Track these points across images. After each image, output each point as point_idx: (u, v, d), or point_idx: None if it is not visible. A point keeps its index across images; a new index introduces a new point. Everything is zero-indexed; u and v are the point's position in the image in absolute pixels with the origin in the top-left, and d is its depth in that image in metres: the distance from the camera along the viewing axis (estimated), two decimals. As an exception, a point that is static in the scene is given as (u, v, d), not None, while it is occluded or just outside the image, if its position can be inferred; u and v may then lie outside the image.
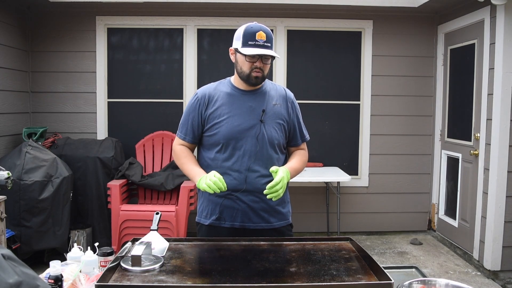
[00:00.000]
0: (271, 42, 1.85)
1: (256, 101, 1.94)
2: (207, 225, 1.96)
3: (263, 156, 1.91)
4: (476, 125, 3.95)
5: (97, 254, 1.60)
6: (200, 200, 2.04)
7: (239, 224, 1.92)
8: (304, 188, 4.60)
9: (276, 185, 1.76)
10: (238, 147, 1.89)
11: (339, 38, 4.67)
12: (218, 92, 1.96)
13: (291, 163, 1.99)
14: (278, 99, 1.99)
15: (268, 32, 1.85)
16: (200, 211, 2.02)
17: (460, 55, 4.29)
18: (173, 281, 1.35)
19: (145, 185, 4.02)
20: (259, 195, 1.90)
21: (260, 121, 1.91)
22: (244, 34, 1.84)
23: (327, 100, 4.69)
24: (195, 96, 1.99)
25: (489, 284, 3.53)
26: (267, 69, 1.90)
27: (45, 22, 4.45)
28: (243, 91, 1.96)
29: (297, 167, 2.00)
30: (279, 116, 1.96)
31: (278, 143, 1.96)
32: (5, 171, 2.99)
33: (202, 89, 2.01)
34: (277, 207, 1.97)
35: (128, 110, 4.59)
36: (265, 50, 1.82)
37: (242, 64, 1.89)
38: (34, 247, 3.52)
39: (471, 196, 3.98)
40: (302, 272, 1.44)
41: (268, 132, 1.92)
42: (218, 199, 1.92)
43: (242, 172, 1.89)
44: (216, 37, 4.59)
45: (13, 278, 0.84)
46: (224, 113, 1.91)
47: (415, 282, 1.41)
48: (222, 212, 1.93)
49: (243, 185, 1.88)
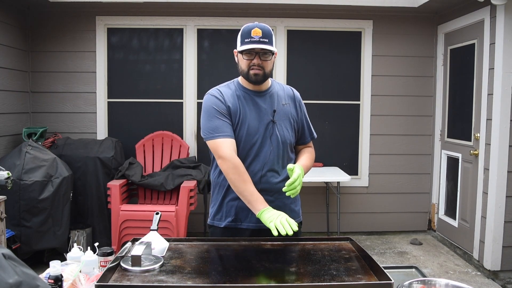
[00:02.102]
0: (269, 38, 1.82)
1: (266, 101, 1.94)
2: (223, 227, 1.95)
3: (277, 155, 1.92)
4: (476, 125, 3.95)
5: (97, 254, 1.60)
6: (212, 202, 2.02)
7: (255, 225, 1.92)
8: (304, 188, 4.53)
9: (294, 182, 1.77)
10: (252, 147, 1.89)
11: (339, 38, 4.67)
12: (232, 93, 1.94)
13: (303, 161, 2.00)
14: (287, 99, 2.00)
15: (265, 29, 1.83)
16: (212, 213, 2.00)
17: (460, 55, 4.29)
18: (173, 281, 1.34)
19: (145, 185, 4.02)
20: (274, 194, 1.91)
21: (272, 121, 1.91)
22: (242, 33, 1.85)
23: (327, 100, 4.69)
24: (212, 96, 1.92)
25: (489, 284, 3.53)
26: (268, 66, 1.87)
27: (45, 22, 4.45)
28: (252, 91, 1.95)
29: (308, 165, 2.03)
30: (289, 116, 1.98)
31: (290, 143, 1.98)
32: (5, 171, 2.99)
33: (215, 89, 1.96)
34: (291, 206, 2.00)
35: (128, 110, 4.59)
36: (259, 45, 1.81)
37: (241, 62, 1.89)
38: (34, 247, 3.52)
39: (471, 196, 3.98)
40: (302, 272, 1.44)
41: (280, 131, 1.93)
42: (233, 201, 1.92)
43: (257, 172, 1.89)
44: (216, 37, 4.59)
45: (13, 278, 0.84)
46: (237, 115, 1.90)
47: (415, 282, 1.41)
48: (238, 214, 1.92)
49: (258, 185, 1.87)
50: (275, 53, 1.90)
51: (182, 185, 3.86)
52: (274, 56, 1.89)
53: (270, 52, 1.85)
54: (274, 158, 1.91)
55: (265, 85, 1.96)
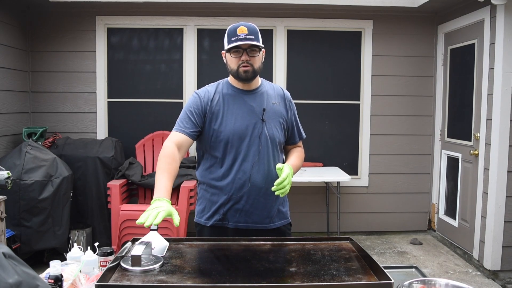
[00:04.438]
0: (255, 35, 1.84)
1: (256, 100, 1.94)
2: (210, 226, 1.95)
3: (266, 154, 1.91)
4: (476, 125, 3.95)
5: (97, 254, 1.60)
6: (199, 200, 2.02)
7: (243, 225, 1.92)
8: (304, 188, 4.60)
9: (284, 181, 1.77)
10: (241, 146, 1.89)
11: (339, 38, 4.67)
12: (218, 92, 1.95)
13: (292, 160, 2.00)
14: (277, 98, 2.00)
15: (250, 26, 1.85)
16: (199, 211, 2.00)
17: (460, 55, 4.29)
18: (173, 281, 1.34)
19: (145, 185, 4.02)
20: (263, 194, 1.91)
21: (262, 120, 1.91)
22: (228, 33, 1.87)
23: (327, 100, 4.69)
24: (195, 95, 1.97)
25: (489, 284, 3.53)
26: (257, 62, 1.88)
27: (45, 22, 4.45)
28: (242, 91, 1.95)
29: (298, 164, 2.01)
30: (279, 115, 1.97)
31: (279, 142, 1.97)
32: (5, 171, 2.99)
33: (201, 89, 2.00)
34: (279, 207, 1.98)
35: (128, 110, 4.59)
36: (246, 41, 1.82)
37: (230, 61, 1.90)
38: (34, 247, 3.52)
39: (471, 196, 3.98)
40: (302, 272, 1.44)
41: (270, 130, 1.92)
42: (220, 200, 1.92)
43: (246, 171, 1.89)
44: (216, 37, 4.58)
45: (13, 277, 0.84)
46: (226, 114, 1.91)
47: (415, 282, 1.41)
48: (226, 213, 1.92)
49: (247, 184, 1.89)
50: (263, 50, 1.91)
51: (182, 185, 3.86)
52: (262, 52, 1.91)
53: (257, 48, 1.86)
54: (263, 157, 1.90)
55: (254, 84, 1.96)
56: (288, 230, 2.03)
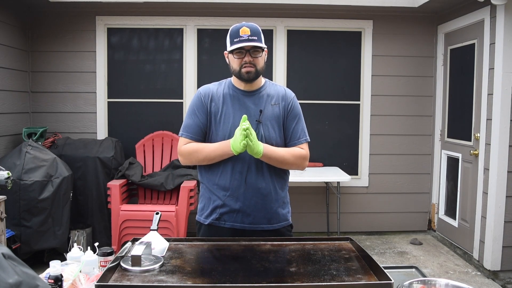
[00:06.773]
0: (258, 36, 1.85)
1: (255, 102, 1.94)
2: (207, 224, 1.96)
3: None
4: (476, 125, 3.95)
5: (97, 254, 1.60)
6: (200, 198, 2.03)
7: (240, 225, 1.92)
8: (304, 188, 4.60)
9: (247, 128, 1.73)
10: None
11: (339, 38, 4.67)
12: (220, 92, 1.96)
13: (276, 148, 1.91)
14: (277, 99, 1.98)
15: (253, 27, 1.85)
16: (200, 209, 2.02)
17: (460, 55, 4.29)
18: (173, 281, 1.34)
19: (145, 185, 4.02)
20: (260, 196, 1.90)
21: (258, 121, 1.91)
22: (230, 34, 1.87)
23: (327, 100, 4.69)
24: (198, 93, 1.99)
25: (489, 284, 3.53)
26: (260, 63, 1.89)
27: (45, 22, 4.45)
28: (242, 91, 1.95)
29: (278, 151, 1.90)
30: (277, 116, 1.95)
31: (276, 144, 1.94)
32: (5, 171, 2.99)
33: (204, 87, 2.01)
34: (278, 209, 1.97)
35: (128, 110, 4.59)
36: (249, 43, 1.82)
37: (232, 62, 1.90)
38: (34, 247, 3.52)
39: (471, 196, 3.98)
40: (302, 272, 1.44)
41: (266, 132, 1.91)
42: (219, 199, 1.92)
43: (242, 173, 1.89)
44: (216, 37, 4.59)
45: (13, 278, 0.84)
46: (224, 113, 1.92)
47: (415, 282, 1.41)
48: (223, 213, 1.93)
49: (243, 186, 1.88)
50: (265, 50, 1.91)
51: (182, 185, 3.86)
52: (264, 52, 1.91)
53: (260, 48, 1.86)
54: (259, 159, 1.87)
55: (257, 84, 1.96)
56: (288, 232, 2.01)
